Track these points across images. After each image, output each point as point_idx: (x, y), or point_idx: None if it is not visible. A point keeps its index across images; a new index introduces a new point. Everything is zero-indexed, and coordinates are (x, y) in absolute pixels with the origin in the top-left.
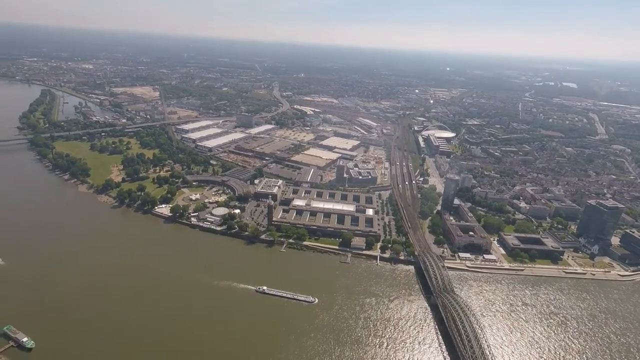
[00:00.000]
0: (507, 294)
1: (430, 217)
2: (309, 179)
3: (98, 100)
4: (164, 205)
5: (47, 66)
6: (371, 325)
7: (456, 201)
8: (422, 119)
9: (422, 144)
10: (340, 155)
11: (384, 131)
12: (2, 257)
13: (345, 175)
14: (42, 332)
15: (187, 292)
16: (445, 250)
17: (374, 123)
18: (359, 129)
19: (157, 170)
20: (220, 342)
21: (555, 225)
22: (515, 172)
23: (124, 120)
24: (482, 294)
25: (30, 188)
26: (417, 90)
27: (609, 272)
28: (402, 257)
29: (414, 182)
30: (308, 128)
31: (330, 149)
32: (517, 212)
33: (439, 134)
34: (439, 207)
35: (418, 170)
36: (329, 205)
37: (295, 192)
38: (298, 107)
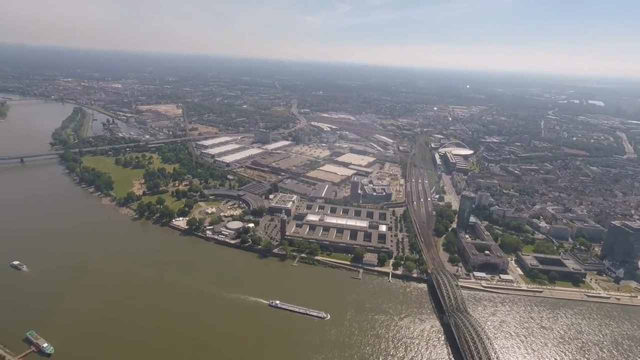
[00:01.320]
0: (524, 316)
1: (445, 235)
2: (323, 195)
3: (125, 118)
4: (181, 218)
5: (80, 86)
6: (381, 344)
7: (472, 219)
8: (439, 136)
9: (438, 161)
10: (355, 171)
11: (400, 148)
12: (27, 264)
13: (359, 192)
14: (61, 339)
15: (201, 304)
16: (459, 269)
17: (391, 140)
18: (375, 145)
19: (177, 184)
20: (231, 355)
21: (578, 246)
22: (535, 191)
23: (147, 136)
24: (496, 314)
25: (57, 200)
26: (435, 108)
27: (636, 297)
28: (414, 275)
29: (429, 199)
30: (324, 144)
31: (345, 165)
32: (536, 232)
33: (456, 152)
34: (454, 225)
35: (434, 188)
36: (342, 221)
37: (309, 207)
38: (315, 123)
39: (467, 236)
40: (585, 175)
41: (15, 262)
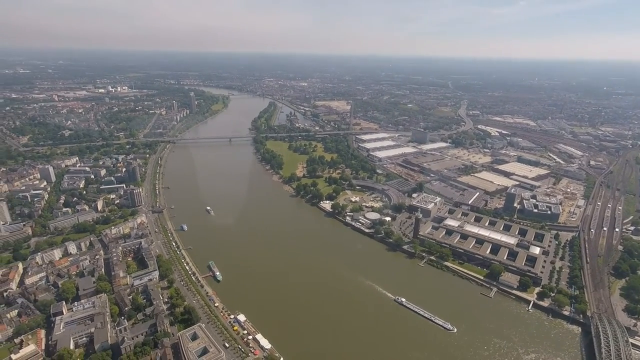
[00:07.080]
0: None
1: (628, 278)
2: (470, 202)
3: (303, 111)
4: (327, 201)
5: (277, 84)
6: None
7: None
8: None
9: None
10: (517, 183)
11: (592, 163)
12: (214, 210)
13: (516, 205)
14: (228, 271)
15: (332, 279)
16: None
17: (580, 152)
18: (554, 157)
19: (331, 172)
20: (353, 338)
21: None
22: None
23: (317, 128)
24: None
25: (243, 171)
26: None
27: None
28: (565, 312)
29: (617, 229)
30: (487, 150)
31: (506, 174)
32: None
33: None
34: None
35: (631, 217)
36: (484, 232)
37: (451, 212)
38: (482, 127)
39: None
40: None
41: (208, 208)
